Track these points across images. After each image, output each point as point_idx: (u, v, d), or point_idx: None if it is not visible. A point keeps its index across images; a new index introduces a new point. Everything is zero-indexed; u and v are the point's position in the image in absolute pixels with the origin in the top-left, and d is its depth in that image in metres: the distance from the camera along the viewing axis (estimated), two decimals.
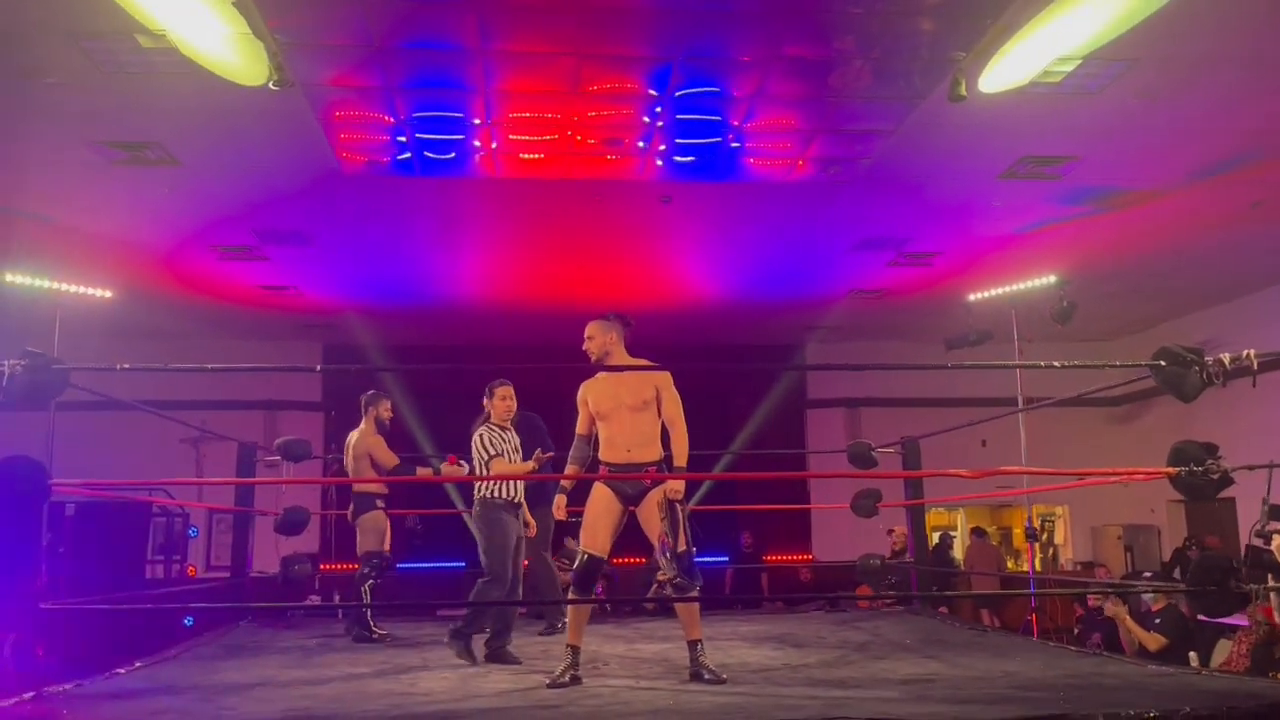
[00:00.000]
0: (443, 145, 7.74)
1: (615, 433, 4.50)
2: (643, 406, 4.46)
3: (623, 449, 4.48)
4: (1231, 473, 3.64)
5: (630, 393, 4.49)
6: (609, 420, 4.52)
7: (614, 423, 4.50)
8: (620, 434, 4.49)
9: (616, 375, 4.55)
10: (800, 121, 7.35)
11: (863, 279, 11.09)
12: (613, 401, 4.50)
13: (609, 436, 4.53)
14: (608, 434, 4.54)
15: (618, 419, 4.49)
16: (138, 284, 10.26)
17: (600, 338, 4.62)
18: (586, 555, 4.49)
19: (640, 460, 4.47)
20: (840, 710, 3.30)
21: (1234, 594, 3.54)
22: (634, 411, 4.46)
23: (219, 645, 6.09)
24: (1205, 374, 3.66)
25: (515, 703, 3.87)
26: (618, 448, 4.50)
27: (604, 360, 4.59)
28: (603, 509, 4.50)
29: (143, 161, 7.53)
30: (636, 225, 9.40)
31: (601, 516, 4.50)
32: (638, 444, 4.47)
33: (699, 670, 4.33)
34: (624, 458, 4.48)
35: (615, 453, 4.50)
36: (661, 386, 4.52)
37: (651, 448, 4.51)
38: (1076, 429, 13.66)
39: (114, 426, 11.69)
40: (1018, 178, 8.10)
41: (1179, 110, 6.94)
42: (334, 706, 3.80)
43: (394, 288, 11.17)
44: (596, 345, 4.62)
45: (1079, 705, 3.35)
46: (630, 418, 4.47)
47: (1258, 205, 8.71)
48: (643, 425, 4.47)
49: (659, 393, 4.50)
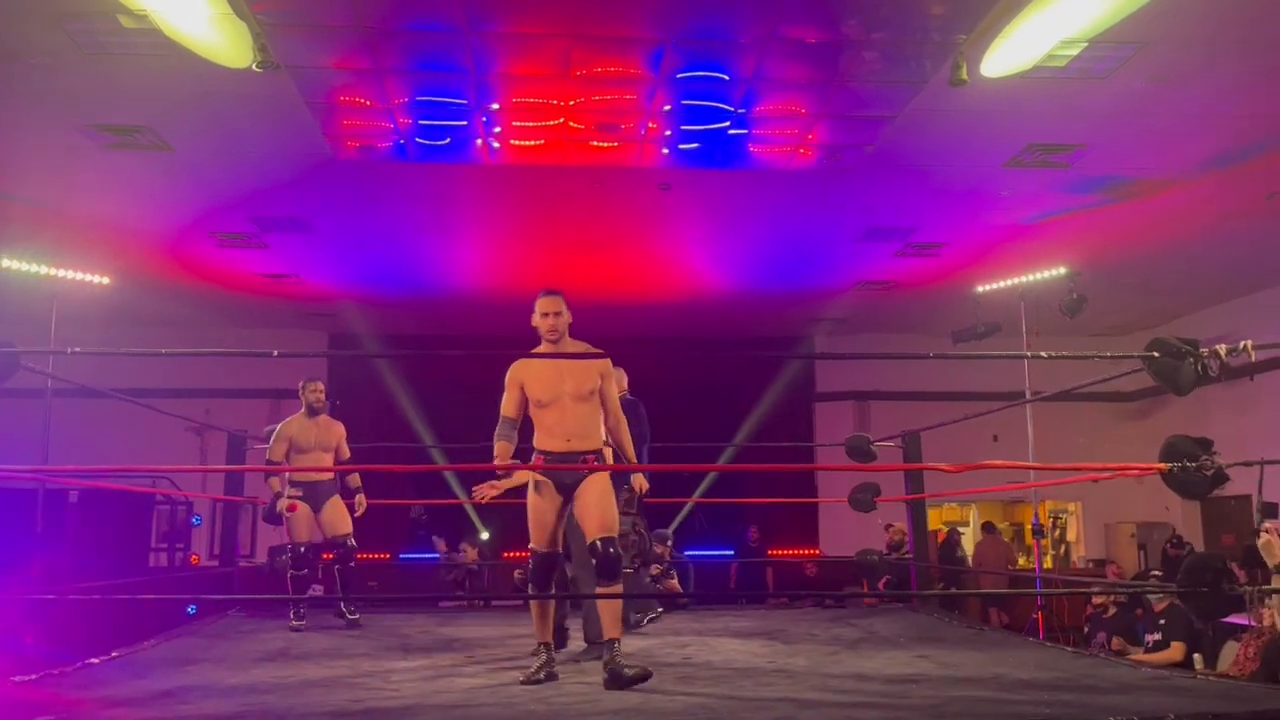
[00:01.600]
0: (438, 131, 7.63)
1: (555, 421, 4.27)
2: (587, 396, 4.28)
3: (562, 438, 4.26)
4: (1226, 469, 3.48)
5: (575, 381, 4.28)
6: (549, 408, 4.27)
7: (555, 410, 4.27)
8: (561, 423, 4.26)
9: (559, 361, 4.32)
10: (803, 106, 7.20)
11: (869, 270, 10.92)
12: (554, 390, 4.27)
13: (549, 425, 4.28)
14: (547, 422, 4.28)
15: (559, 407, 4.27)
16: (137, 270, 10.22)
17: (566, 314, 4.39)
18: (539, 554, 4.31)
19: (580, 449, 4.27)
20: (806, 714, 3.17)
21: (1226, 596, 3.38)
22: (577, 400, 4.26)
23: (202, 635, 6.01)
24: (1200, 366, 3.50)
25: (481, 699, 3.75)
26: (557, 436, 4.27)
27: (559, 342, 4.37)
28: (546, 504, 4.30)
29: (134, 146, 7.46)
30: (637, 213, 9.27)
31: (546, 512, 4.31)
32: (579, 434, 4.27)
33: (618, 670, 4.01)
34: (563, 446, 4.26)
35: (554, 441, 4.27)
36: (605, 375, 4.34)
37: (593, 438, 4.33)
38: (1088, 425, 13.47)
39: (117, 416, 11.66)
40: (1025, 166, 7.92)
41: (1190, 96, 6.74)
42: (293, 700, 3.70)
43: (394, 276, 11.09)
44: (564, 321, 4.37)
45: (1061, 710, 3.21)
46: (573, 406, 4.26)
47: (1274, 196, 8.49)
48: (585, 415, 4.29)
49: (602, 381, 4.32)
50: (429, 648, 5.42)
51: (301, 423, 6.42)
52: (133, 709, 3.46)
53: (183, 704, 3.62)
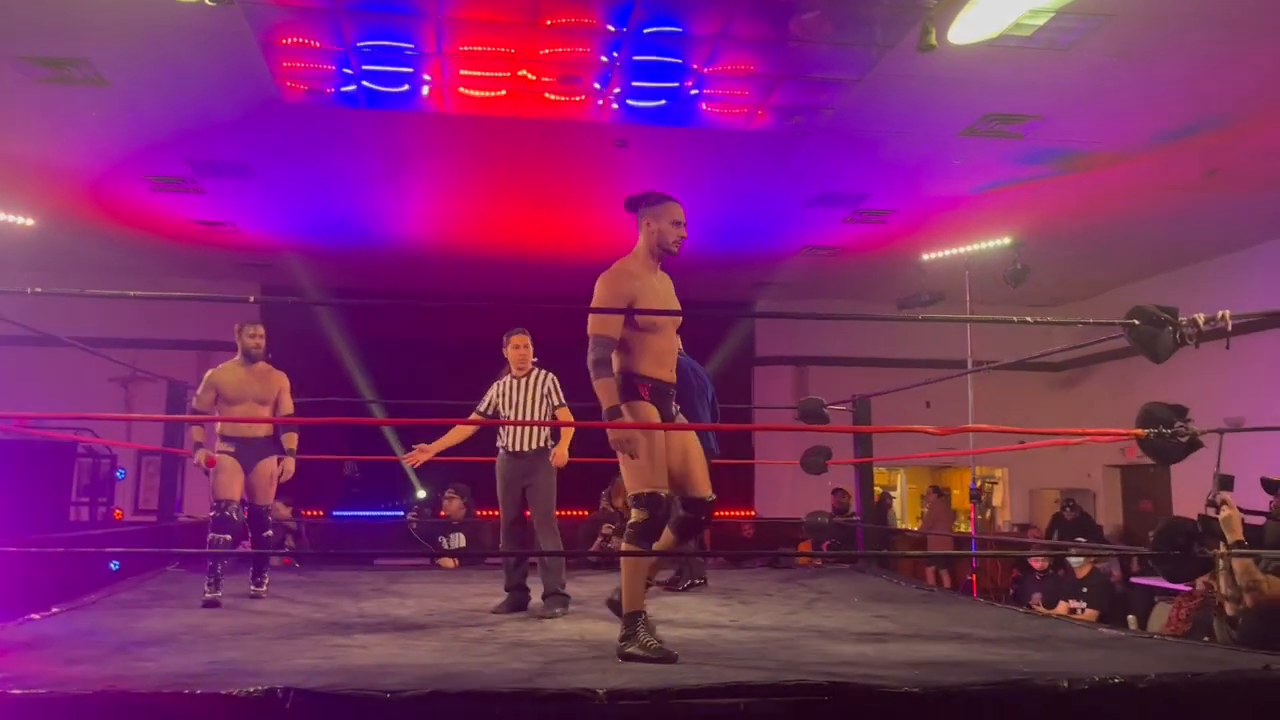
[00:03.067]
0: (390, 78, 7.41)
1: (666, 349, 3.83)
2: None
3: (670, 369, 3.86)
4: (1200, 436, 3.56)
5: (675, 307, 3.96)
6: (663, 332, 3.81)
7: (666, 336, 3.84)
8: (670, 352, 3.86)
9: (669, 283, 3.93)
10: (762, 67, 7.15)
11: (817, 235, 10.96)
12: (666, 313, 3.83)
13: (659, 351, 3.79)
14: (657, 348, 3.78)
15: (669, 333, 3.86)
16: (64, 213, 9.78)
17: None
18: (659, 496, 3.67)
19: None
20: (796, 673, 3.17)
21: (1197, 559, 3.47)
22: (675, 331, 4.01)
23: (143, 591, 5.83)
24: (1179, 334, 3.56)
25: (455, 657, 3.69)
26: (667, 367, 3.84)
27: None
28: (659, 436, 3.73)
29: (69, 80, 7.08)
30: (592, 170, 9.14)
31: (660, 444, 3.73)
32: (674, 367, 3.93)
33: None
34: (670, 379, 3.86)
35: (665, 371, 3.83)
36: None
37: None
38: (1021, 393, 13.78)
39: (38, 363, 11.23)
40: (979, 135, 7.99)
41: (1146, 72, 6.85)
42: (263, 657, 3.59)
43: (337, 227, 10.79)
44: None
45: (1041, 669, 3.27)
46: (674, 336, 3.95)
47: (1212, 174, 8.72)
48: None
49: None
50: (384, 605, 5.33)
51: (235, 370, 5.71)
52: (95, 665, 3.31)
53: (145, 661, 3.48)
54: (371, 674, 3.22)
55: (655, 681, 2.97)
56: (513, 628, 4.53)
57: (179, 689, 2.76)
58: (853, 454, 7.56)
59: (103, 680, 2.91)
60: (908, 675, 3.13)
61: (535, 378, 5.43)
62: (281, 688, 2.72)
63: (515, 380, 5.43)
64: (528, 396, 5.37)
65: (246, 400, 5.67)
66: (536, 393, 5.38)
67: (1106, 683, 3.00)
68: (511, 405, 5.38)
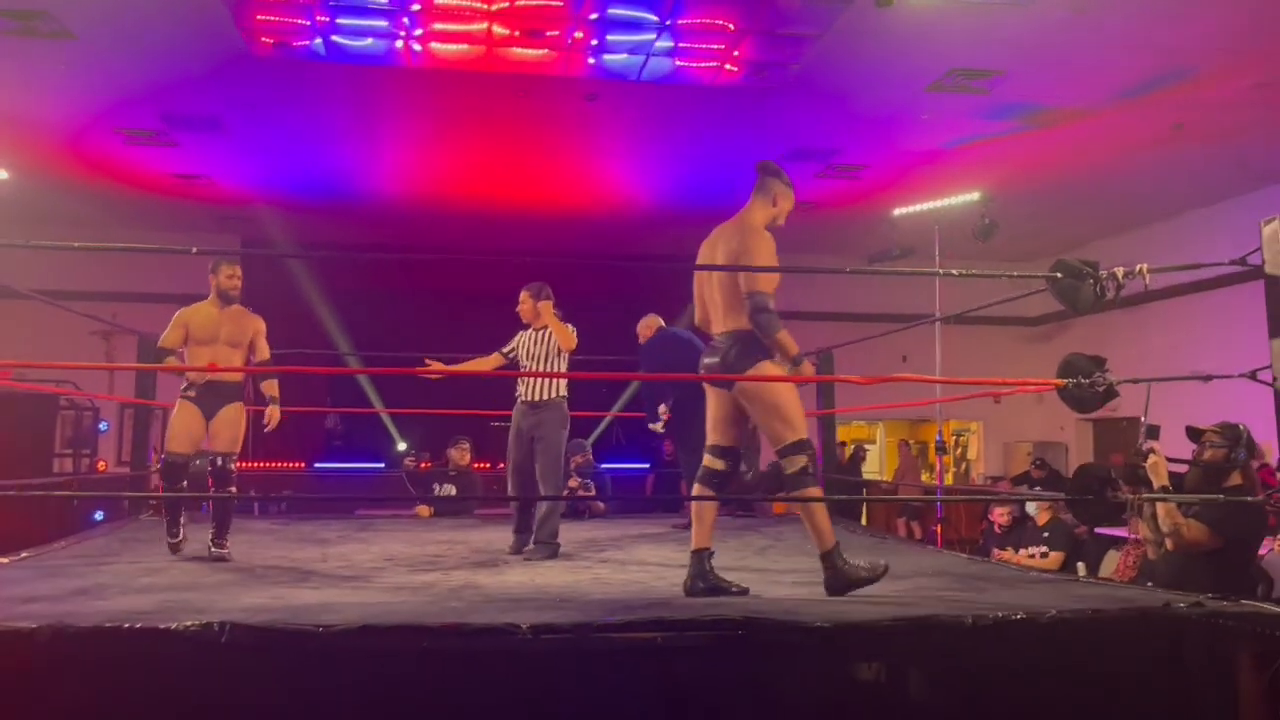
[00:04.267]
0: (358, 31, 7.43)
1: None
2: None
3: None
4: (1116, 385, 3.68)
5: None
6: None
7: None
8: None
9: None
10: (730, 19, 7.18)
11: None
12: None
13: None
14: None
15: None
16: (38, 166, 9.81)
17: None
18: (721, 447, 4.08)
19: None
20: (719, 611, 3.32)
21: (1111, 504, 3.61)
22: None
23: (113, 537, 5.98)
24: (1099, 287, 3.67)
25: (403, 598, 3.84)
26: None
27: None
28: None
29: (34, 33, 7.10)
30: (562, 124, 9.19)
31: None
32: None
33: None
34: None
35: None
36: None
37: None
38: (997, 348, 13.95)
39: (19, 319, 11.28)
40: (945, 90, 8.05)
41: (1106, 26, 6.90)
42: (213, 596, 3.73)
43: (311, 181, 10.83)
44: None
45: (951, 608, 3.42)
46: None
47: (1178, 128, 8.79)
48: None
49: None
50: (344, 551, 5.47)
51: (208, 310, 5.32)
52: (50, 604, 3.45)
53: (99, 600, 3.62)
54: (313, 611, 3.35)
55: (578, 618, 3.11)
56: (464, 574, 4.67)
57: (119, 624, 2.90)
58: (816, 406, 7.69)
59: (50, 618, 3.04)
60: (823, 612, 3.27)
61: (545, 331, 5.69)
62: (219, 622, 2.86)
63: (534, 332, 5.73)
64: (543, 349, 5.67)
65: (217, 341, 5.29)
66: (550, 345, 5.65)
67: (1009, 619, 3.14)
68: (530, 357, 5.68)
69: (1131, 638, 3.23)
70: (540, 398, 5.58)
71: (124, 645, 2.82)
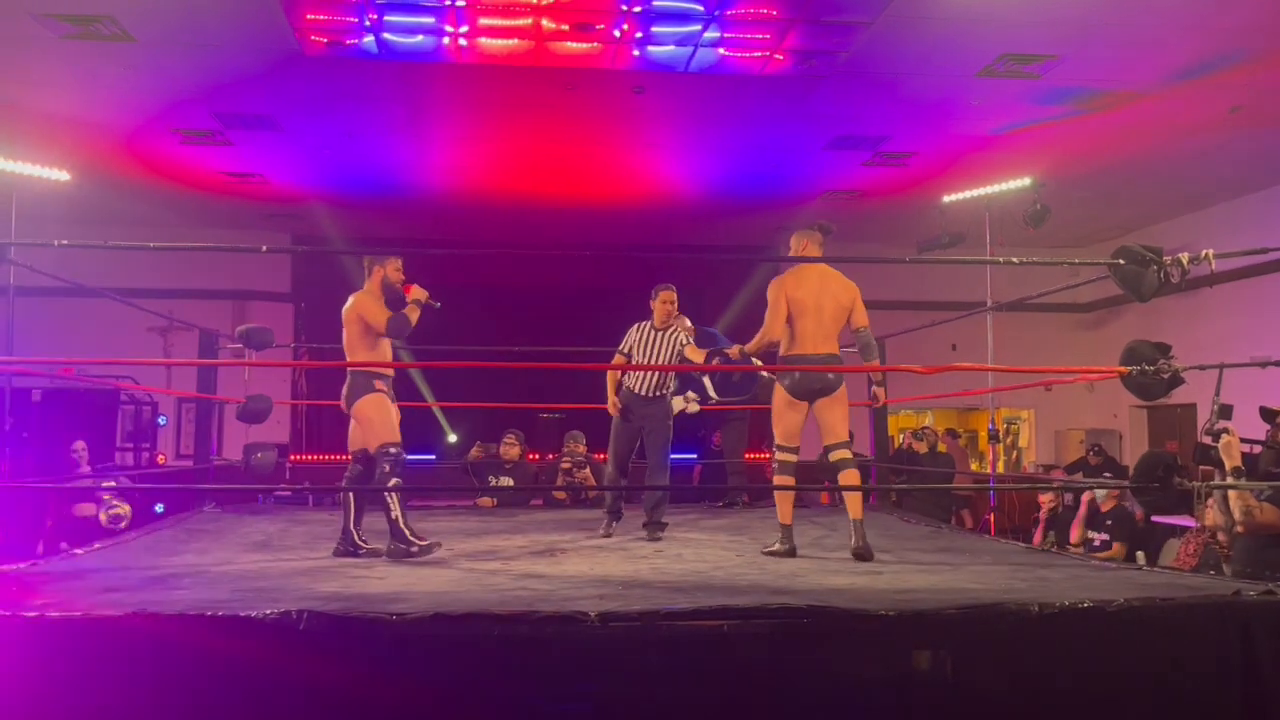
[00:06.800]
0: (410, 28, 7.50)
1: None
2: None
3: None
4: (1182, 373, 3.65)
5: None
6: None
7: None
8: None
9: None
10: (778, 10, 7.16)
11: (837, 179, 10.96)
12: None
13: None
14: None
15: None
16: (97, 167, 10.01)
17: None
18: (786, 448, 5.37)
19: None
20: (783, 599, 3.35)
21: (1176, 491, 3.58)
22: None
23: (180, 529, 6.12)
24: (1163, 273, 3.64)
25: (468, 587, 3.91)
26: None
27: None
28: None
29: (95, 36, 7.24)
30: (610, 117, 9.21)
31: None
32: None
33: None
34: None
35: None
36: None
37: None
38: (1047, 335, 13.77)
39: (80, 316, 11.55)
40: (997, 76, 7.95)
41: (1162, 7, 6.78)
42: (283, 586, 3.83)
43: (361, 177, 10.95)
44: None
45: (1017, 596, 3.41)
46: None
47: (1236, 110, 8.61)
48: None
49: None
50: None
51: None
52: (130, 593, 3.56)
53: (175, 590, 3.73)
54: (385, 600, 3.44)
55: (646, 605, 3.15)
56: (524, 564, 4.74)
57: (202, 612, 2.99)
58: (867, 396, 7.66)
59: (134, 605, 3.14)
60: (888, 601, 3.29)
61: (672, 332, 5.95)
62: (296, 610, 2.94)
63: (656, 331, 5.96)
64: (663, 347, 5.92)
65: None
66: (672, 346, 5.92)
67: (1076, 607, 3.15)
68: (645, 354, 5.92)
69: (1200, 627, 3.21)
70: (655, 393, 5.89)
71: (207, 632, 2.91)
